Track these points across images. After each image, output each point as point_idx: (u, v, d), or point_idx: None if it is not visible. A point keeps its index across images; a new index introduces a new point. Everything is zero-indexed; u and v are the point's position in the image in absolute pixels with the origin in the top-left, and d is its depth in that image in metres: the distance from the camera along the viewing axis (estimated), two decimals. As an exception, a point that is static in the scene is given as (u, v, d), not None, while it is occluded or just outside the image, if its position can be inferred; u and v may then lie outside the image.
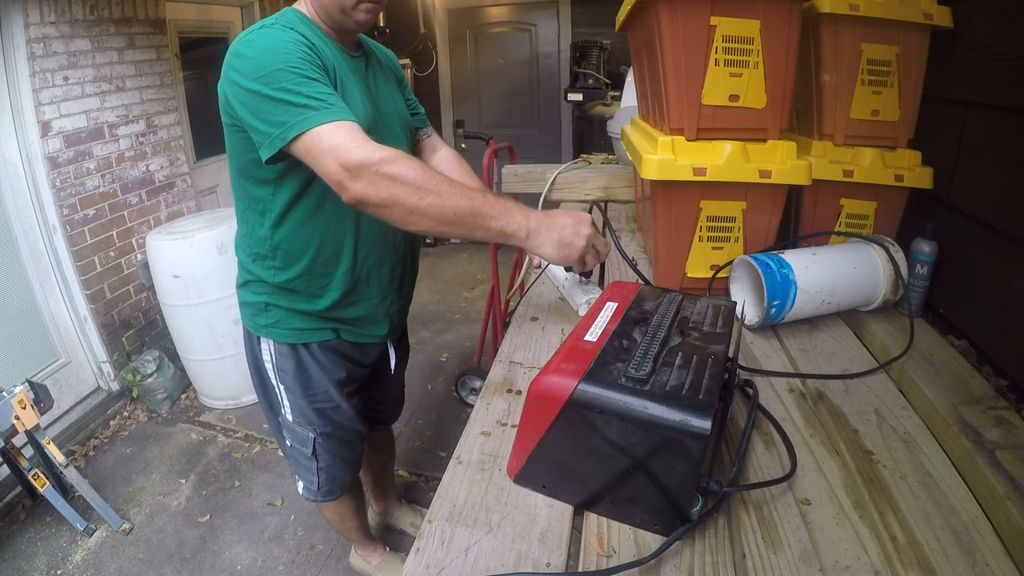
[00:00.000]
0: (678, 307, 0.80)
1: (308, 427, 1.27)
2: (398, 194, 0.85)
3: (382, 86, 1.17)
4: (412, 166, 0.86)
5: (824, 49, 1.08)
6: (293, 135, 0.87)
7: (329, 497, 1.41)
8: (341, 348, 1.23)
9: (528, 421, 0.67)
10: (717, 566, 0.60)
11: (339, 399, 1.26)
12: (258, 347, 1.23)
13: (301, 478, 1.39)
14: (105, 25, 2.47)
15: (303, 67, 0.89)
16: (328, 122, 0.86)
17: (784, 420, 0.81)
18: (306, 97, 0.87)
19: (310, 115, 0.86)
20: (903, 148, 1.12)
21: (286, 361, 1.21)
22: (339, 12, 1.00)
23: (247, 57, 0.91)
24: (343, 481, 1.41)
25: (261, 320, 1.19)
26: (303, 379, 1.22)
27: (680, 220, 1.12)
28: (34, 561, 1.91)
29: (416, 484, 2.22)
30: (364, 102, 1.06)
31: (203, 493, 2.20)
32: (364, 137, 0.87)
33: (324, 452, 1.31)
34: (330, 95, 0.90)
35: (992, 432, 0.75)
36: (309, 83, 0.89)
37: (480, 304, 3.59)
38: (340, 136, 0.86)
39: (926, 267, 1.06)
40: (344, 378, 1.25)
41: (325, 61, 0.97)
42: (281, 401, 1.27)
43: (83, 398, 2.58)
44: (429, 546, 0.63)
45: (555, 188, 1.90)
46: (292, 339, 1.19)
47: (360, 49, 1.15)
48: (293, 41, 0.92)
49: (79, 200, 2.42)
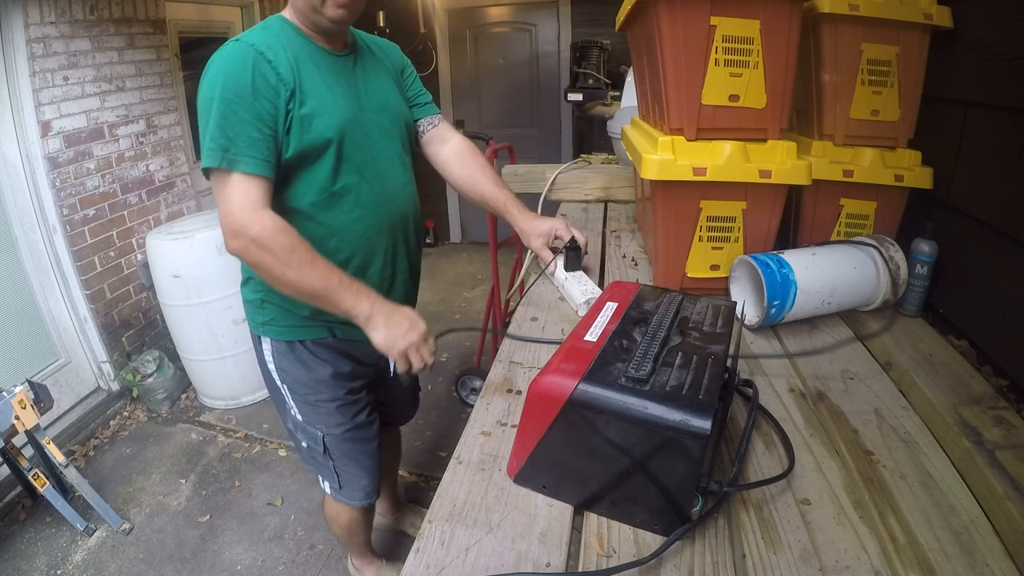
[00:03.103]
0: (678, 307, 0.80)
1: (315, 425, 1.26)
2: (264, 264, 0.95)
3: (372, 83, 1.16)
4: (282, 245, 0.94)
5: (824, 49, 1.08)
6: (204, 167, 0.97)
7: (353, 501, 1.38)
8: (339, 346, 1.23)
9: (528, 421, 0.67)
10: (717, 566, 0.60)
11: (342, 396, 1.25)
12: (260, 348, 1.24)
13: (325, 478, 1.37)
14: (105, 25, 2.46)
15: (241, 100, 0.95)
16: (235, 171, 0.95)
17: (784, 420, 0.81)
18: (227, 139, 0.94)
19: (222, 157, 0.94)
20: (903, 148, 1.12)
21: (285, 359, 1.21)
22: (311, 11, 1.02)
23: (206, 75, 0.98)
24: (365, 487, 1.37)
25: (259, 318, 1.20)
26: (304, 377, 1.22)
27: (680, 220, 1.12)
28: (34, 561, 1.91)
29: (416, 484, 2.22)
30: (342, 101, 1.07)
31: (203, 493, 2.20)
32: (256, 201, 0.96)
33: (337, 452, 1.30)
34: (249, 141, 0.95)
35: (992, 432, 0.75)
36: (237, 122, 0.95)
37: (480, 304, 3.59)
38: (236, 193, 0.95)
39: (926, 267, 1.06)
40: (347, 373, 1.25)
41: (282, 71, 0.99)
42: (288, 401, 1.27)
43: (83, 398, 2.58)
44: (429, 546, 0.63)
45: (555, 188, 1.90)
46: (288, 336, 1.19)
47: (350, 48, 1.15)
48: (245, 66, 0.96)
49: (79, 200, 2.42)
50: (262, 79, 0.97)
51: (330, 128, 1.04)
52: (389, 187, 1.17)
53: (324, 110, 1.04)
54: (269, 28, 1.05)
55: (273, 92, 0.98)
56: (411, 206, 1.24)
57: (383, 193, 1.15)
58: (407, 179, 1.23)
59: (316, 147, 1.04)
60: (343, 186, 1.09)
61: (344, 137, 1.07)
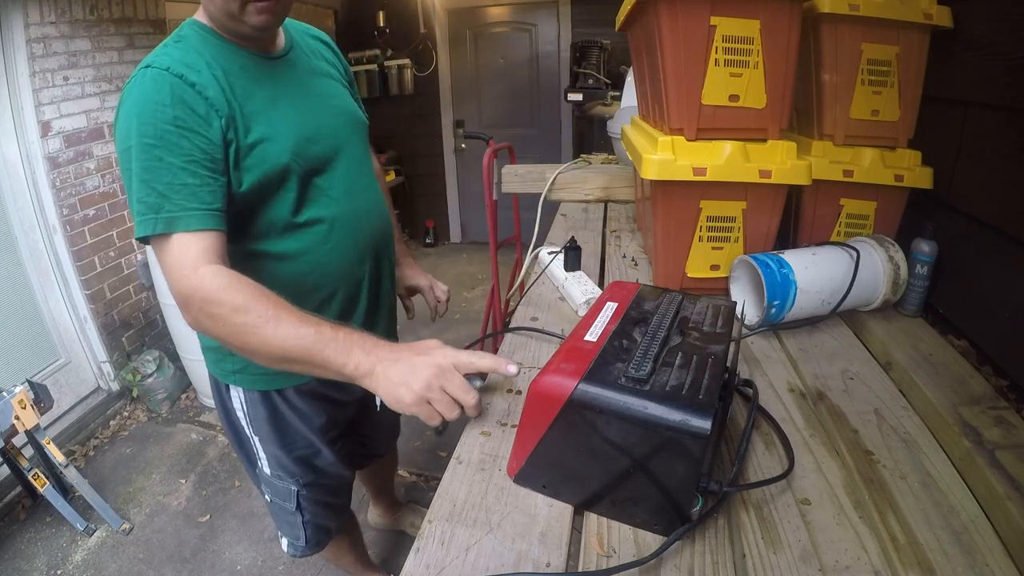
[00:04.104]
0: (678, 307, 0.80)
1: (289, 479, 1.16)
2: (220, 334, 0.78)
3: (320, 85, 1.02)
4: (233, 306, 0.75)
5: (824, 49, 1.08)
6: (138, 237, 0.80)
7: (318, 549, 1.31)
8: (320, 389, 1.11)
9: (528, 421, 0.67)
10: (717, 566, 0.60)
11: (320, 445, 1.15)
12: (227, 395, 1.10)
13: (285, 534, 1.27)
14: (105, 25, 2.47)
15: (164, 142, 0.78)
16: (170, 232, 0.78)
17: (784, 420, 0.81)
18: (158, 195, 0.78)
19: (155, 220, 0.78)
20: (903, 148, 1.12)
21: (258, 409, 1.08)
22: (229, 19, 0.86)
23: (118, 118, 0.82)
24: (330, 529, 1.31)
25: (228, 366, 1.06)
26: (279, 427, 1.10)
27: (680, 220, 1.12)
28: (34, 561, 1.91)
29: (416, 484, 2.22)
30: (291, 116, 0.93)
31: (203, 493, 2.20)
32: (196, 258, 0.78)
33: (309, 504, 1.20)
34: (185, 191, 0.79)
35: (992, 432, 0.74)
36: (164, 171, 0.78)
37: (480, 304, 3.59)
38: (174, 256, 0.78)
39: (926, 267, 1.06)
40: (325, 423, 1.14)
41: (211, 95, 0.83)
42: (257, 453, 1.15)
43: (83, 398, 2.58)
44: (429, 546, 0.63)
45: (555, 188, 1.90)
46: (263, 385, 1.06)
47: (286, 46, 0.98)
48: (161, 98, 0.79)
49: (79, 200, 2.43)
50: (187, 110, 0.80)
51: (284, 152, 0.89)
52: (361, 205, 1.04)
53: (274, 132, 0.88)
54: (185, 41, 0.87)
55: (203, 123, 0.81)
56: (385, 221, 1.13)
57: (356, 213, 1.02)
58: (377, 191, 1.11)
59: (273, 177, 0.89)
60: (311, 215, 0.96)
61: (302, 159, 0.92)
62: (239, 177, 0.87)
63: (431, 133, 4.60)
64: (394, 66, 4.33)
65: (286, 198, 0.93)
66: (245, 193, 0.88)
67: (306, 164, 0.94)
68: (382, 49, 4.32)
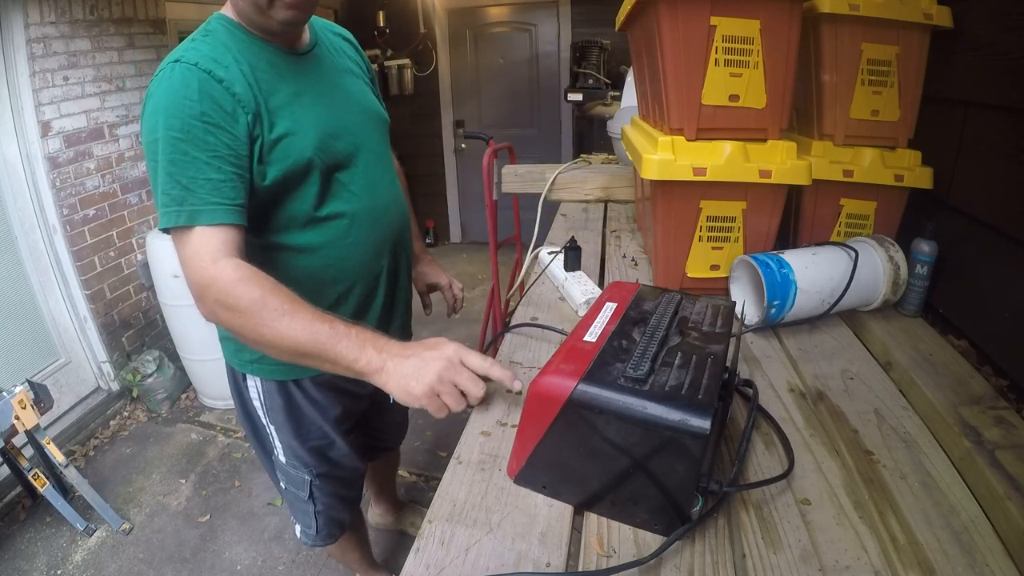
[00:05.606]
0: (677, 307, 0.80)
1: (303, 469, 1.18)
2: (235, 326, 0.80)
3: (345, 82, 1.03)
4: (251, 299, 0.77)
5: (824, 49, 1.08)
6: (162, 227, 0.83)
7: (329, 540, 1.33)
8: (336, 381, 1.10)
9: (528, 421, 0.67)
10: (717, 566, 0.60)
11: (335, 436, 1.17)
12: (244, 385, 1.13)
13: (299, 521, 1.30)
14: (105, 25, 2.47)
15: (191, 136, 0.80)
16: (191, 225, 0.80)
17: (784, 420, 0.81)
18: (182, 188, 0.80)
19: (179, 212, 0.80)
20: (903, 148, 1.12)
21: (275, 399, 1.11)
22: (256, 14, 0.87)
23: (145, 111, 0.83)
24: (343, 521, 1.33)
25: (245, 355, 1.07)
26: (295, 417, 1.12)
27: (680, 220, 1.12)
28: (34, 561, 1.91)
29: (416, 484, 2.22)
30: (316, 111, 0.94)
31: (203, 493, 2.20)
32: (214, 251, 0.80)
33: (322, 494, 1.23)
34: (210, 186, 0.81)
35: (992, 432, 0.74)
36: (189, 165, 0.80)
37: (480, 304, 3.59)
38: (193, 247, 0.80)
39: (926, 267, 1.06)
40: (340, 414, 1.16)
41: (238, 90, 0.84)
42: (272, 442, 1.17)
43: (83, 398, 2.58)
44: (429, 546, 0.63)
45: (555, 188, 1.90)
46: (281, 375, 1.08)
47: (311, 42, 0.99)
48: (189, 93, 0.80)
49: (79, 200, 2.43)
50: (214, 106, 0.81)
51: (308, 147, 0.91)
52: (381, 200, 1.06)
53: (298, 128, 0.90)
54: (213, 35, 0.88)
55: (230, 119, 0.82)
56: (404, 217, 1.15)
57: (376, 209, 1.04)
58: (396, 187, 1.13)
59: (296, 172, 0.91)
60: (333, 210, 0.97)
61: (325, 154, 0.94)
62: (263, 171, 0.88)
63: (431, 133, 4.60)
64: (394, 66, 4.32)
65: (308, 192, 0.94)
66: (268, 186, 0.89)
67: (329, 159, 0.95)
68: (382, 49, 4.32)
